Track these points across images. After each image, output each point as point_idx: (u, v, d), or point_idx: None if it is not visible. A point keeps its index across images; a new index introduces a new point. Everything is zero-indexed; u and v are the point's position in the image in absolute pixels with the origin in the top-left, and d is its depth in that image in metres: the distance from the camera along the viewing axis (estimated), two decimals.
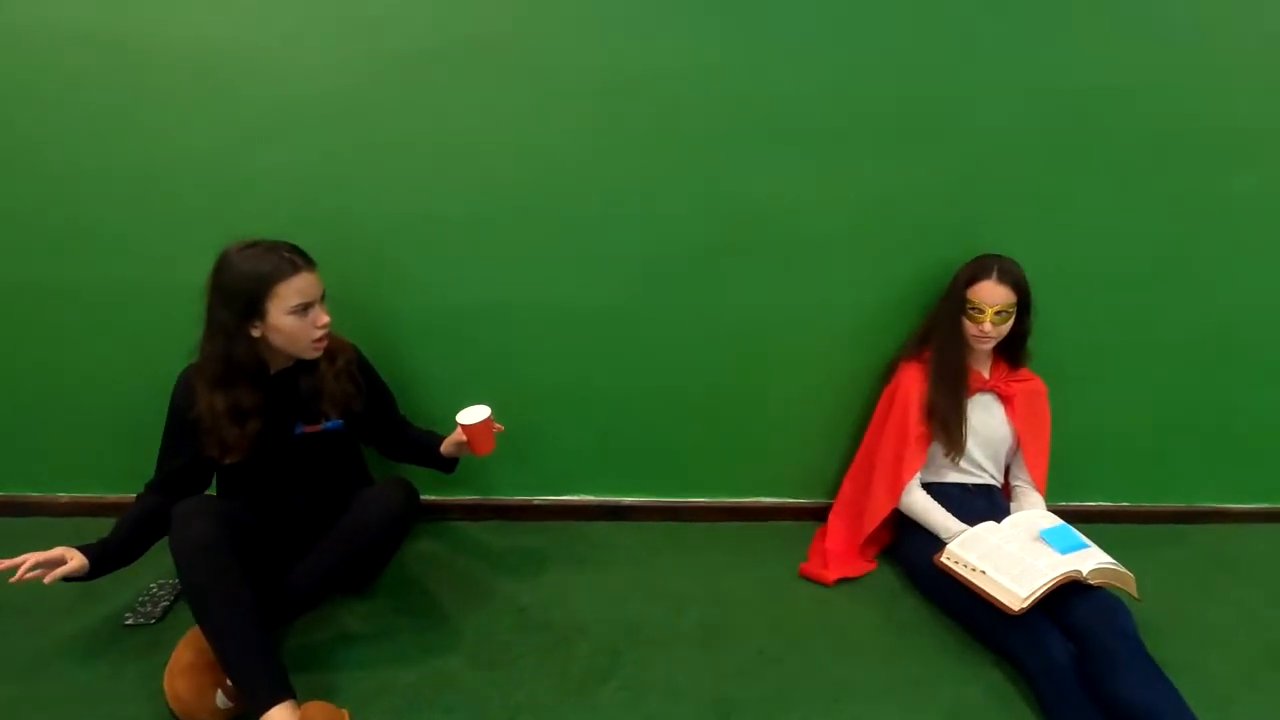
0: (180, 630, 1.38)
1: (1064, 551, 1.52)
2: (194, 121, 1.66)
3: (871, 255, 1.86)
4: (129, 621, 1.53)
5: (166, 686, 1.27)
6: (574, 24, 1.65)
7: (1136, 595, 1.56)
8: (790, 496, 2.08)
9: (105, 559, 1.38)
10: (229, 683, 1.24)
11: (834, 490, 2.01)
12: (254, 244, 1.38)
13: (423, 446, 1.71)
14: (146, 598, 1.60)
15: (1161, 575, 1.85)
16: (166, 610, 1.58)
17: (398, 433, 1.74)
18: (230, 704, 1.26)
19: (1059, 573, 1.44)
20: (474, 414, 1.52)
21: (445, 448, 1.63)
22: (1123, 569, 1.53)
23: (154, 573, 1.65)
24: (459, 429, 1.53)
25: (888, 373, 1.92)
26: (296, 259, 1.39)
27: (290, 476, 1.54)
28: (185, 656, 1.28)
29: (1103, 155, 1.82)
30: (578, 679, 1.45)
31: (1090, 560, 1.49)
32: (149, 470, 1.52)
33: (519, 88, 1.68)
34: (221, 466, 1.48)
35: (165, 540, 1.32)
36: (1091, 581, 1.46)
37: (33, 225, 1.72)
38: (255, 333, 1.39)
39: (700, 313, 1.88)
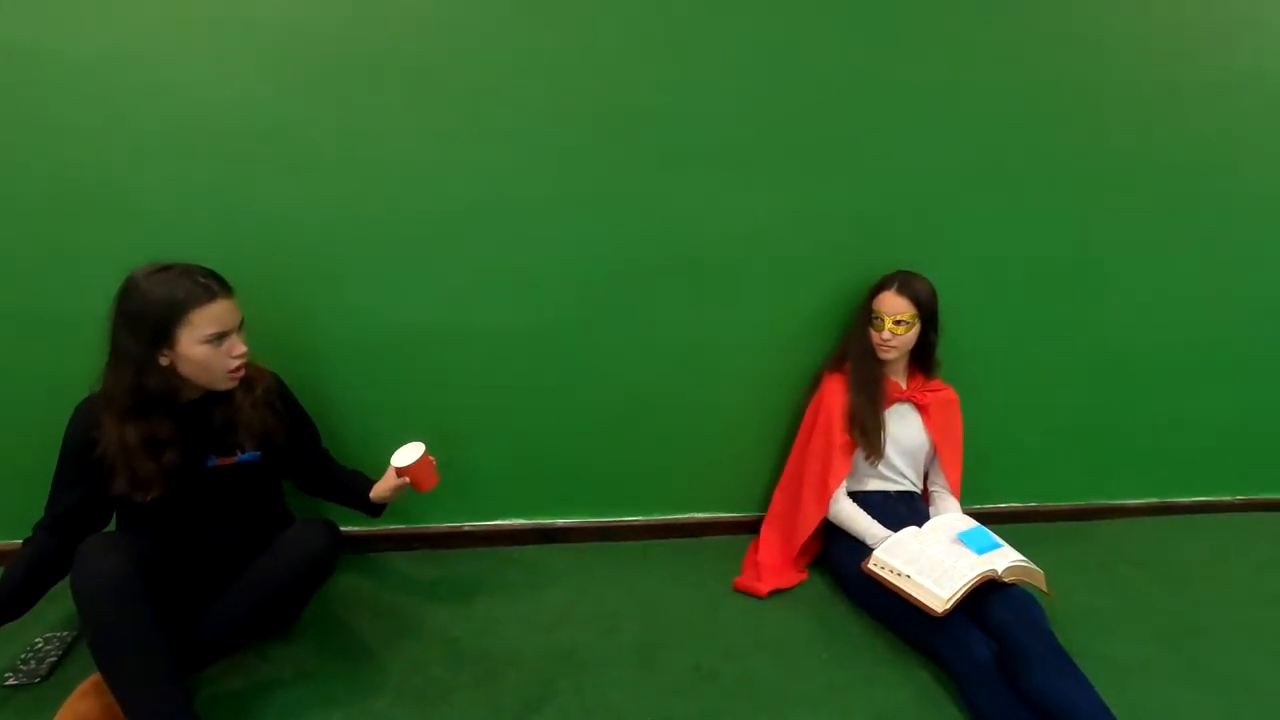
0: (69, 688, 1.27)
1: (980, 552, 1.59)
2: (90, 136, 1.55)
3: (795, 272, 1.92)
4: (11, 682, 1.39)
5: None
6: (504, 46, 1.65)
7: (1046, 590, 1.65)
8: (723, 511, 2.10)
9: None
10: None
11: (765, 502, 2.05)
12: (165, 268, 1.29)
13: (347, 487, 1.63)
14: (31, 654, 1.45)
15: (1067, 569, 1.97)
16: (54, 667, 1.44)
17: (320, 468, 1.66)
18: None
19: (977, 573, 1.51)
20: (409, 453, 1.48)
21: (377, 492, 1.55)
22: (1033, 566, 1.62)
23: (39, 626, 1.51)
24: (394, 472, 1.49)
25: (812, 385, 1.98)
26: (212, 285, 1.30)
27: (201, 512, 1.43)
28: (81, 706, 1.17)
29: (1000, 177, 1.95)
30: (513, 710, 1.40)
31: (1004, 559, 1.57)
32: (23, 513, 1.38)
33: (446, 108, 1.66)
34: (125, 503, 1.36)
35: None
36: (1006, 579, 1.53)
37: None
38: (164, 361, 1.29)
39: (629, 333, 1.89)
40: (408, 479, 1.49)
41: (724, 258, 1.88)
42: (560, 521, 2.02)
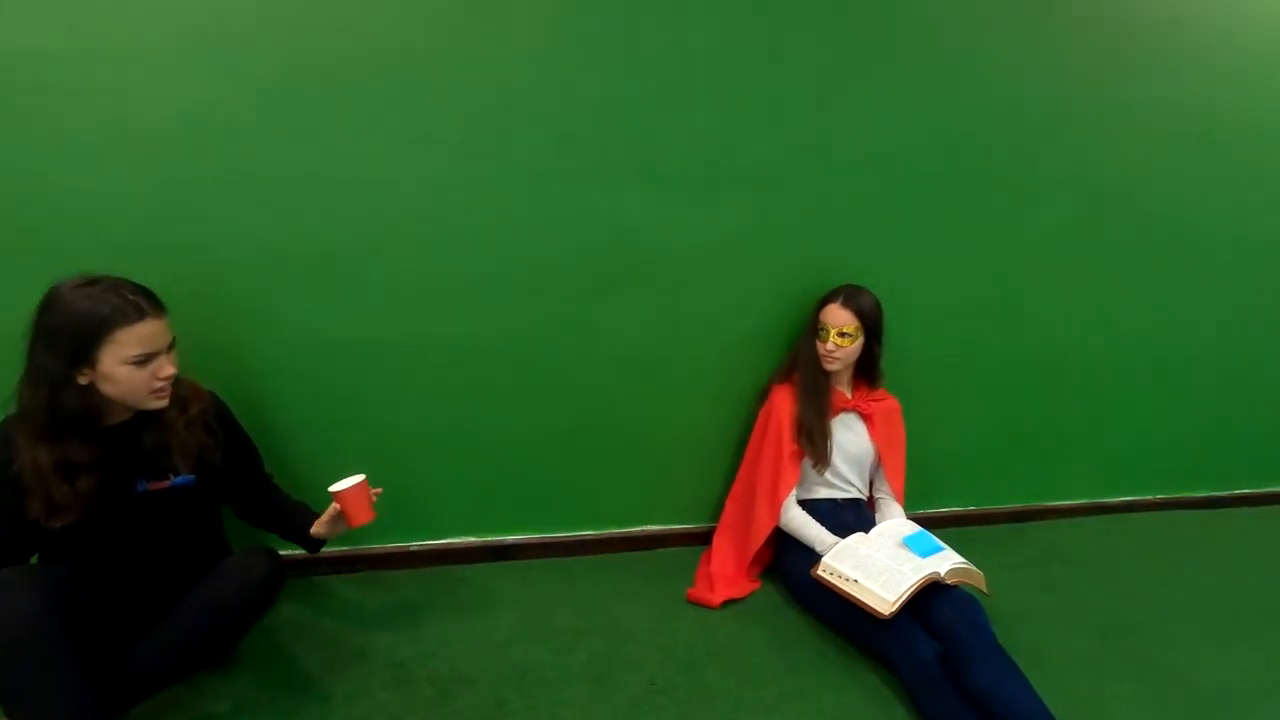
0: None
1: (924, 556, 1.64)
2: (12, 135, 1.47)
3: (743, 287, 1.96)
4: None
5: None
6: (458, 55, 1.64)
7: (987, 590, 1.71)
8: (676, 522, 2.11)
9: None
10: None
11: (717, 513, 2.06)
12: (92, 281, 1.22)
13: (288, 519, 1.56)
14: None
15: (1006, 570, 2.04)
16: None
17: (261, 494, 1.58)
18: None
19: (921, 575, 1.56)
20: (346, 482, 1.43)
21: (317, 528, 1.49)
22: (974, 568, 1.68)
23: None
24: (333, 503, 1.44)
25: (762, 396, 2.01)
26: (142, 303, 1.23)
27: (131, 540, 1.35)
28: None
29: (934, 196, 2.04)
30: None
31: (947, 562, 1.62)
32: None
33: (395, 113, 1.64)
34: (47, 530, 1.27)
35: None
36: (949, 581, 1.58)
37: None
38: (83, 380, 1.22)
39: (579, 344, 1.88)
40: (341, 507, 1.43)
41: (675, 270, 1.90)
42: (510, 538, 1.99)
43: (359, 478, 1.44)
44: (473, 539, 1.96)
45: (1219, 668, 1.70)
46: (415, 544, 1.92)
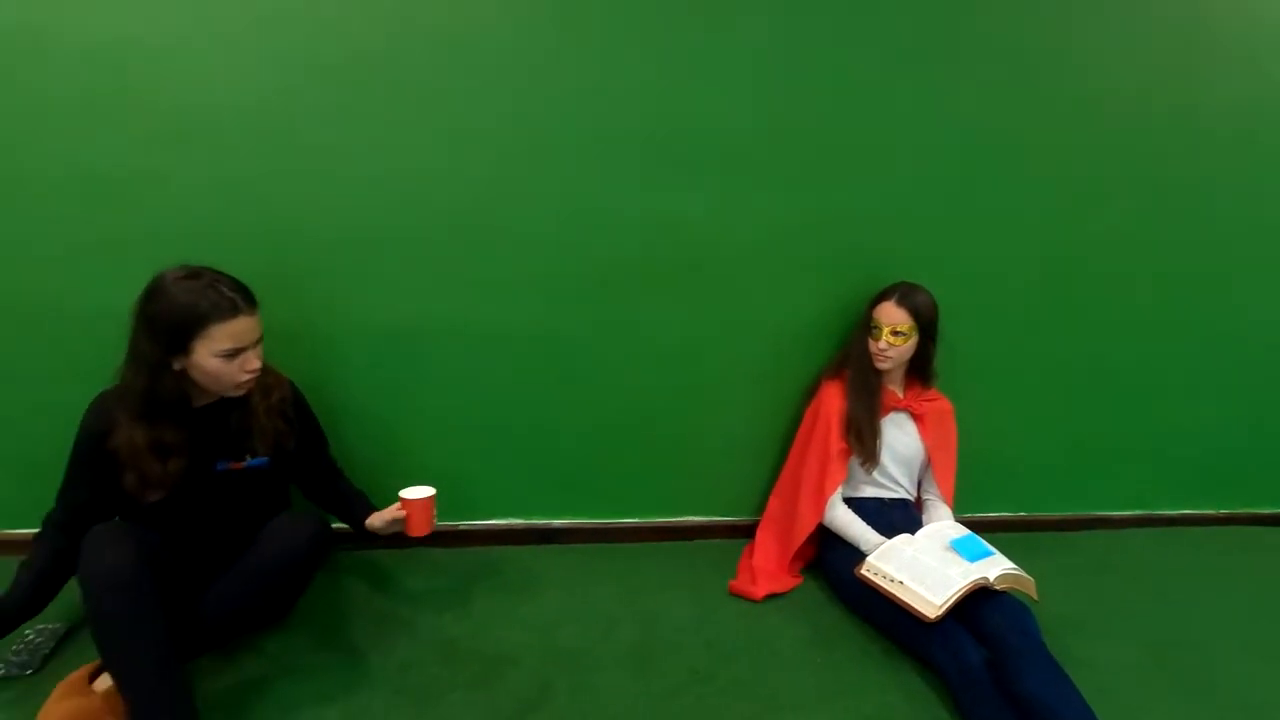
0: (61, 678, 1.26)
1: (972, 560, 1.62)
2: (100, 127, 1.55)
3: (796, 279, 1.95)
4: (2, 673, 1.37)
5: None
6: (510, 46, 1.66)
7: (1036, 597, 1.68)
8: (720, 515, 2.12)
9: (9, 618, 1.30)
10: None
11: (761, 506, 2.07)
12: (195, 274, 1.29)
13: (349, 504, 1.64)
14: (23, 646, 1.44)
15: (1055, 578, 2.00)
16: (46, 659, 1.42)
17: (327, 479, 1.67)
18: None
19: (969, 580, 1.54)
20: (418, 490, 1.51)
21: (375, 521, 1.56)
22: (1024, 574, 1.65)
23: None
24: (399, 504, 1.50)
25: (811, 391, 2.00)
26: (237, 300, 1.30)
27: (207, 513, 1.44)
28: (54, 712, 1.16)
29: (999, 194, 1.99)
30: (509, 711, 1.40)
31: (996, 567, 1.60)
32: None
33: (455, 107, 1.67)
34: (133, 500, 1.35)
35: None
36: (998, 587, 1.56)
37: None
38: (177, 367, 1.30)
39: (630, 335, 1.90)
40: (405, 513, 1.51)
41: (727, 262, 1.90)
42: (557, 522, 2.02)
43: (430, 491, 1.52)
44: (519, 521, 2.00)
45: (1274, 687, 1.65)
46: (464, 524, 1.97)
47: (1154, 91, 2.00)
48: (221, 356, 1.29)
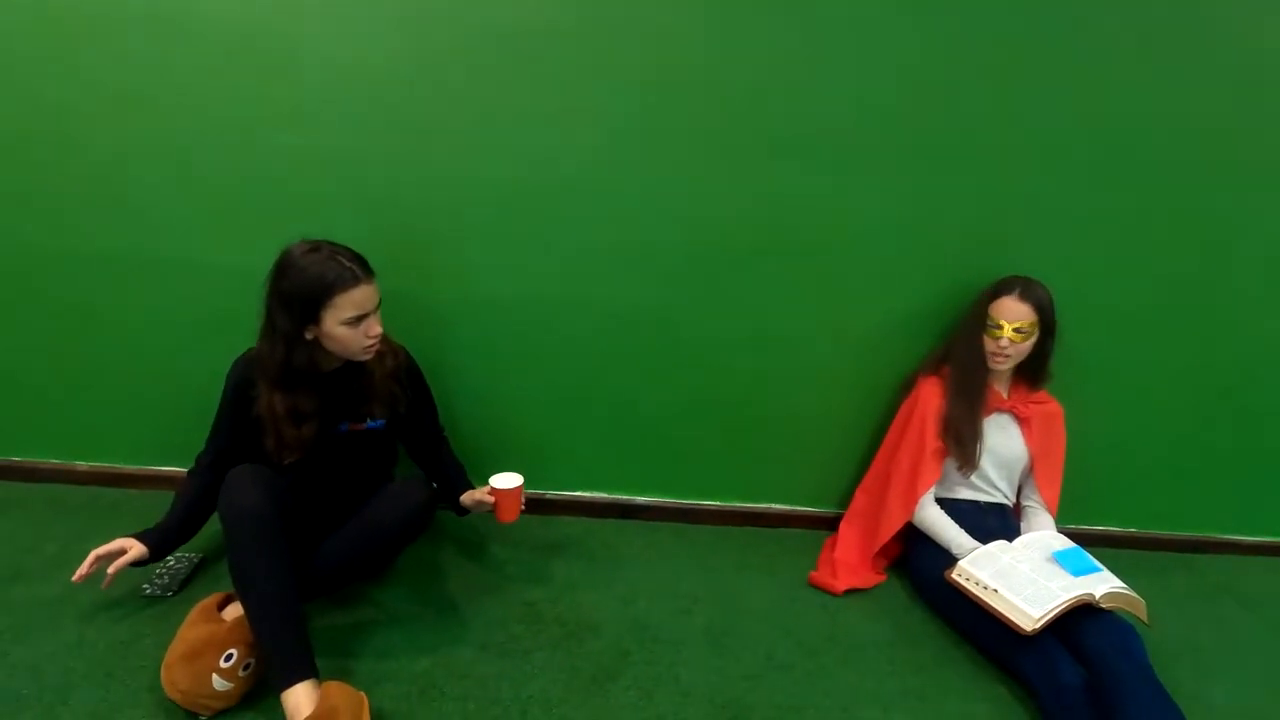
0: (196, 602, 1.40)
1: (1077, 574, 1.53)
2: (229, 97, 1.66)
3: (897, 270, 1.87)
4: (147, 592, 1.55)
5: (164, 676, 1.27)
6: (625, 22, 1.66)
7: (1147, 621, 1.57)
8: (802, 504, 2.09)
9: (165, 544, 1.46)
10: (224, 665, 1.25)
11: (845, 500, 2.02)
12: (317, 248, 1.38)
13: (448, 476, 1.73)
14: (165, 570, 1.61)
15: (1170, 603, 1.86)
16: (184, 583, 1.59)
17: (433, 446, 1.76)
18: (228, 685, 1.26)
19: (1073, 595, 1.45)
20: (508, 480, 1.56)
21: (466, 500, 1.63)
22: (1134, 594, 1.54)
23: None
24: (488, 489, 1.56)
25: (907, 386, 1.93)
26: (357, 269, 1.39)
27: (330, 469, 1.56)
28: (180, 647, 1.28)
29: (1130, 182, 1.83)
30: (588, 675, 1.46)
31: (1103, 584, 1.50)
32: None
33: (568, 83, 1.69)
34: (264, 456, 1.48)
35: None
36: (1104, 605, 1.47)
37: (66, 194, 1.72)
38: (309, 336, 1.41)
39: (725, 316, 1.89)
40: (495, 500, 1.56)
41: (832, 247, 1.84)
42: (639, 499, 2.06)
43: (518, 481, 1.57)
44: (603, 494, 2.05)
45: None
46: (550, 493, 2.04)
47: None
48: (347, 324, 1.38)
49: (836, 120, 1.75)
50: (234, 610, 1.37)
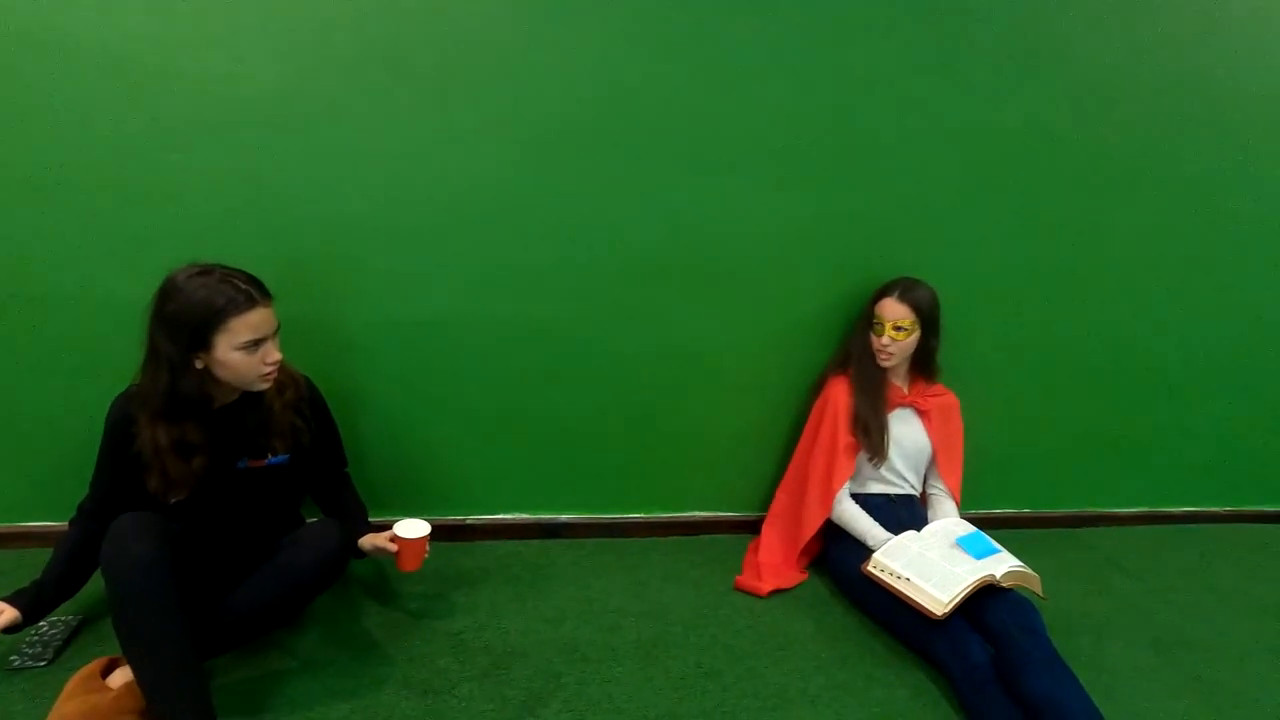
0: (74, 671, 1.28)
1: (979, 557, 1.62)
2: (115, 119, 1.55)
3: (799, 276, 1.94)
4: (15, 663, 1.39)
5: None
6: (525, 42, 1.66)
7: (1043, 595, 1.68)
8: (725, 510, 2.13)
9: (41, 604, 1.32)
10: None
11: (767, 502, 2.07)
12: (206, 271, 1.29)
13: (348, 517, 1.62)
14: (36, 638, 1.45)
15: (1061, 576, 2.00)
16: (59, 651, 1.44)
17: (335, 483, 1.67)
18: None
19: (976, 577, 1.54)
20: (413, 529, 1.50)
21: (365, 543, 1.54)
22: (1030, 571, 1.65)
23: None
24: (391, 535, 1.50)
25: (818, 387, 2.00)
26: (253, 292, 1.30)
27: (228, 510, 1.45)
28: (67, 708, 1.18)
29: (1006, 189, 1.98)
30: (518, 703, 1.42)
31: (1002, 564, 1.60)
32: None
33: (467, 101, 1.67)
34: (153, 500, 1.36)
35: None
36: (1004, 584, 1.56)
37: None
38: (199, 364, 1.31)
39: (637, 329, 1.90)
40: (396, 548, 1.50)
41: (732, 259, 1.89)
42: (562, 517, 2.03)
43: (424, 530, 1.51)
44: (525, 516, 2.01)
45: (1277, 688, 1.65)
46: (472, 518, 1.98)
47: (1164, 89, 1.99)
48: (242, 349, 1.30)
49: (738, 136, 1.80)
50: (121, 675, 1.25)
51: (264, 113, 1.60)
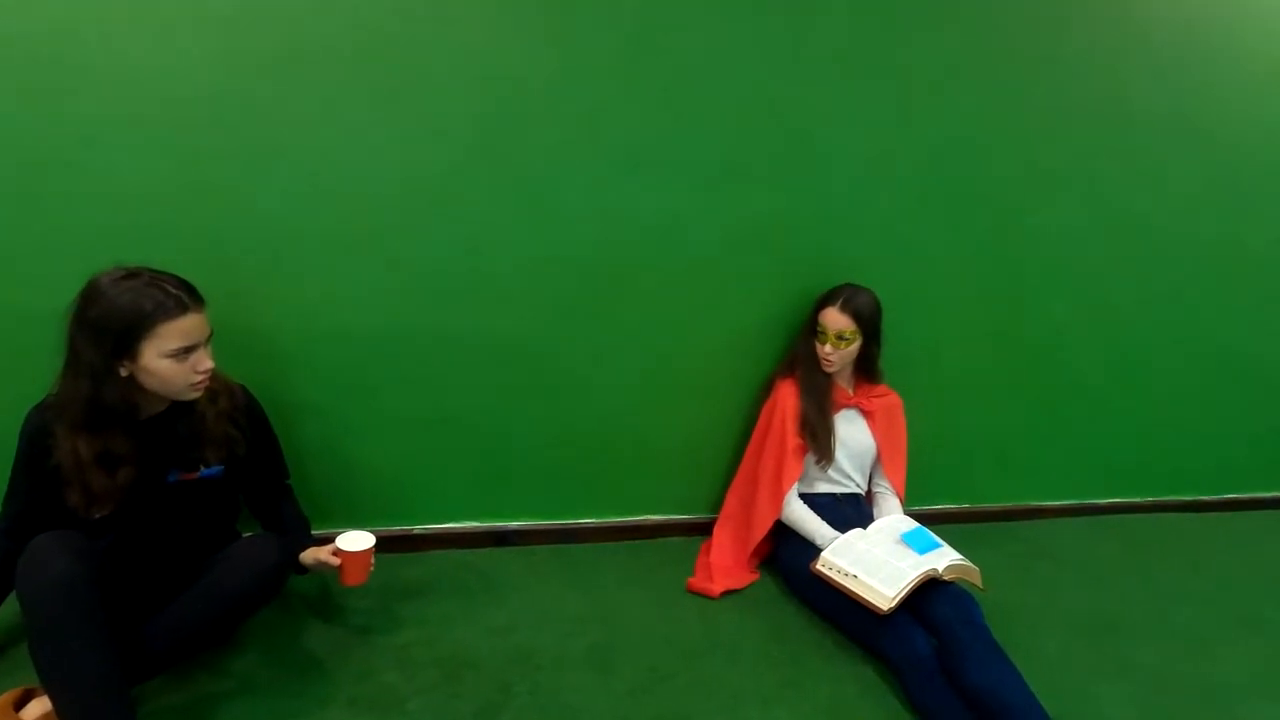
0: None
1: (922, 552, 1.67)
2: (34, 114, 1.46)
3: (746, 280, 1.97)
4: None
5: None
6: (469, 44, 1.63)
7: (982, 587, 1.75)
8: (677, 513, 2.13)
9: None
10: None
11: (718, 504, 2.09)
12: (133, 274, 1.22)
13: (289, 532, 1.57)
14: None
15: (1000, 568, 2.08)
16: None
17: (275, 496, 1.61)
18: None
19: (919, 572, 1.59)
20: (356, 541, 1.45)
21: (306, 558, 1.49)
22: (971, 564, 1.71)
23: None
24: (333, 549, 1.45)
25: (766, 389, 2.03)
26: (184, 297, 1.24)
27: (158, 526, 1.37)
28: None
29: (942, 196, 2.05)
30: (469, 715, 1.39)
31: (944, 558, 1.66)
32: None
33: (409, 106, 1.64)
34: (75, 516, 1.28)
35: None
36: (946, 578, 1.62)
37: None
38: (124, 373, 1.23)
39: (584, 336, 1.90)
40: (339, 562, 1.46)
41: (680, 263, 1.91)
42: (513, 524, 2.00)
43: (368, 543, 1.47)
44: (476, 524, 1.98)
45: (1201, 669, 1.75)
46: (419, 528, 1.94)
47: (1083, 105, 2.09)
48: (171, 357, 1.23)
49: (684, 139, 1.82)
50: (38, 707, 1.18)
51: (195, 111, 1.53)
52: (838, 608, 1.70)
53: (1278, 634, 1.92)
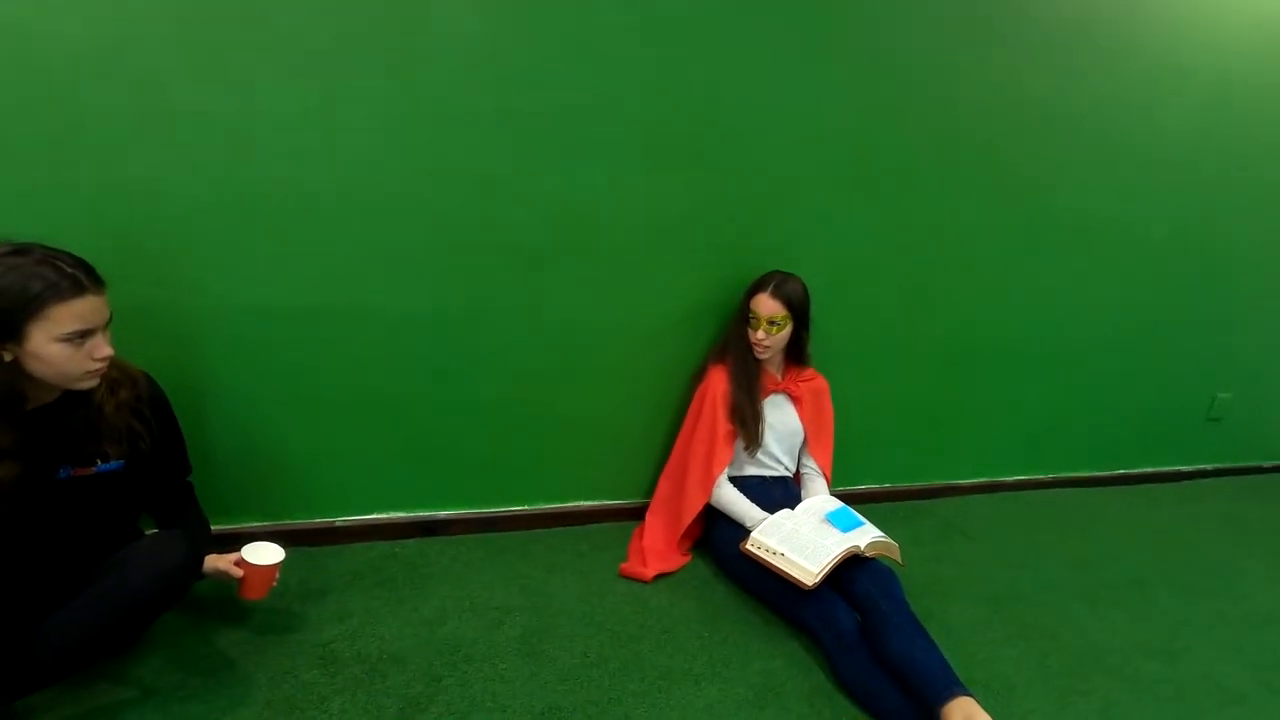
0: None
1: (845, 530, 1.73)
2: None
3: (678, 265, 1.98)
4: None
5: None
6: (394, 14, 1.55)
7: (901, 562, 1.83)
8: (608, 499, 2.13)
9: None
10: None
11: (650, 490, 2.10)
12: (23, 250, 1.11)
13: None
14: None
15: (917, 543, 2.18)
16: None
17: (175, 494, 1.50)
18: None
19: (843, 549, 1.65)
20: (263, 554, 1.39)
21: (207, 566, 1.40)
22: (891, 540, 1.79)
23: None
24: (237, 559, 1.38)
25: (698, 375, 2.05)
26: (81, 277, 1.13)
27: (46, 525, 1.25)
28: None
29: (865, 186, 2.11)
30: (394, 712, 1.35)
31: (867, 536, 1.72)
32: None
33: (327, 69, 1.54)
34: None
35: None
36: (868, 554, 1.68)
37: None
38: (7, 357, 1.12)
39: (513, 318, 1.86)
40: (242, 573, 1.39)
41: (611, 247, 1.89)
42: (440, 514, 1.95)
43: (276, 557, 1.40)
44: (401, 514, 1.92)
45: (1091, 630, 1.90)
46: (340, 520, 1.86)
47: (994, 107, 2.18)
48: (65, 341, 1.13)
49: (616, 121, 1.79)
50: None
51: (80, 70, 1.39)
52: (766, 586, 1.74)
53: (1156, 595, 2.10)
